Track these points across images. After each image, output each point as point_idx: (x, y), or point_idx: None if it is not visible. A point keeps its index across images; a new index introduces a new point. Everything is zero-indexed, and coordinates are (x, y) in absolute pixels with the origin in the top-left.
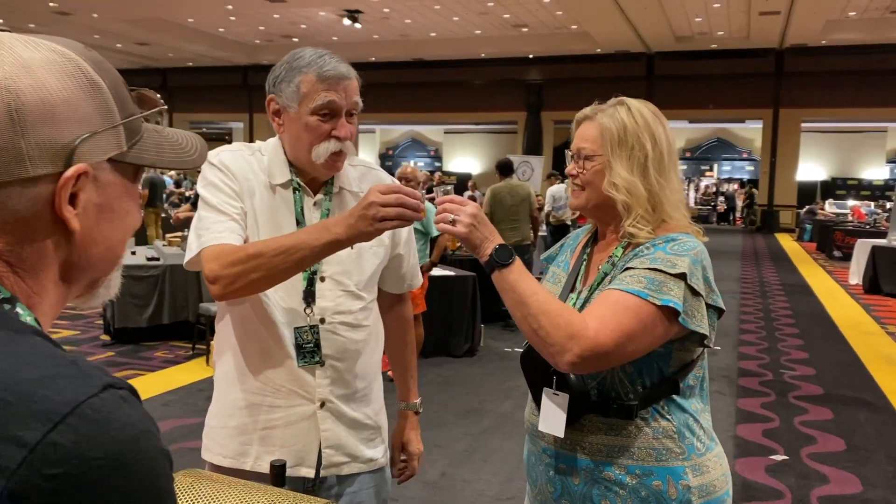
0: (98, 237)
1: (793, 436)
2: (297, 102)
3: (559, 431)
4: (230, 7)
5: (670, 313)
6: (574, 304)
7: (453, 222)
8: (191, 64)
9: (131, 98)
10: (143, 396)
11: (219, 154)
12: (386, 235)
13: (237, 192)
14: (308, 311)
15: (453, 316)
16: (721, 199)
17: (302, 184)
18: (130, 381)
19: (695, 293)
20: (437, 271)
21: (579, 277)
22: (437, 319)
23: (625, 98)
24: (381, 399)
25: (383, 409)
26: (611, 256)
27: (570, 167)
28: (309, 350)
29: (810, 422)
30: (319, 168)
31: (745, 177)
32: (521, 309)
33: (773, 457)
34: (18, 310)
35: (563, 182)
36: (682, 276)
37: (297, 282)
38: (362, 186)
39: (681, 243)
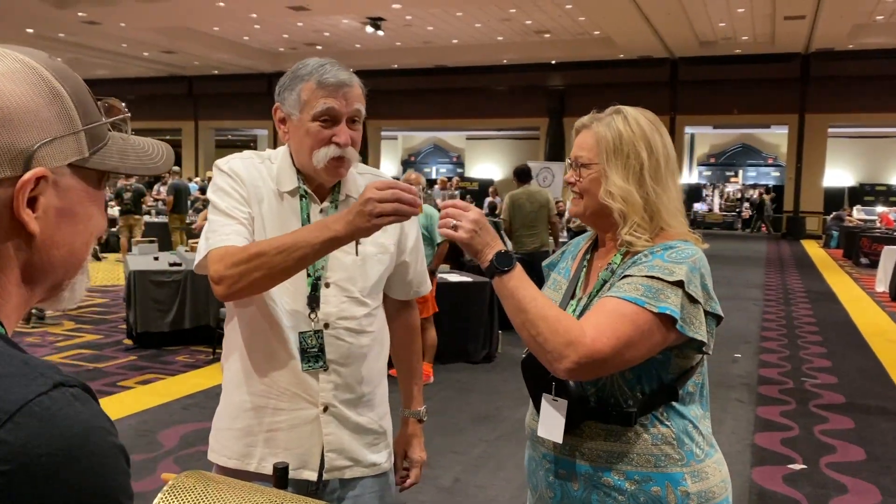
0: (59, 240)
1: (812, 445)
2: (298, 109)
3: (558, 437)
4: (254, 15)
5: (668, 321)
6: (574, 311)
7: (455, 228)
8: (216, 72)
9: (99, 107)
10: (163, 400)
11: (229, 161)
12: (391, 243)
13: (245, 198)
14: (312, 315)
15: (470, 322)
16: (746, 205)
17: (309, 191)
18: (152, 385)
19: (693, 300)
20: (454, 277)
21: (579, 284)
22: (455, 325)
23: (622, 106)
24: (386, 404)
25: (388, 414)
26: (610, 263)
27: (569, 175)
28: (313, 354)
29: (830, 431)
30: (322, 174)
31: (771, 182)
32: (520, 315)
33: (791, 466)
34: None
35: None
36: (679, 284)
37: (302, 287)
38: None
39: (679, 251)
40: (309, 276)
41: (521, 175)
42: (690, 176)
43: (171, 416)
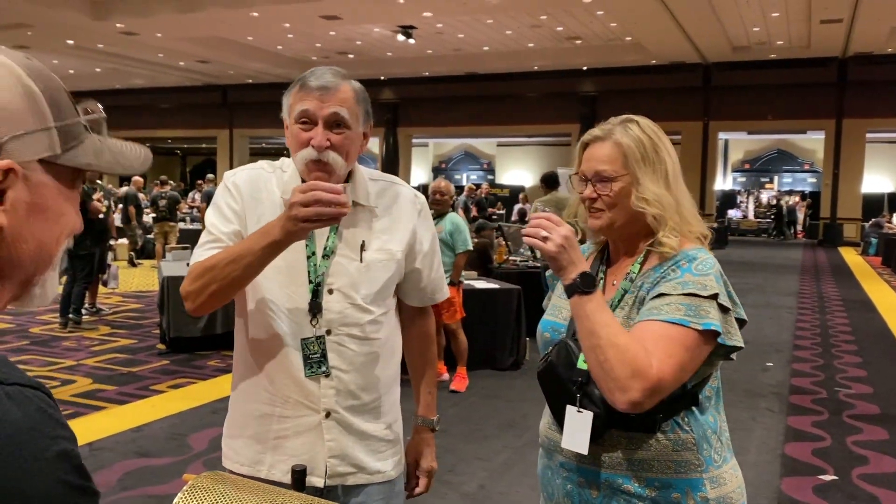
0: (28, 235)
1: (844, 456)
2: (288, 114)
3: (583, 448)
4: (287, 25)
5: (710, 335)
6: None
7: (545, 239)
8: (250, 81)
9: (76, 108)
10: (194, 404)
11: (235, 174)
12: (399, 249)
13: (237, 212)
14: (314, 322)
15: (498, 329)
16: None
17: None
18: (183, 389)
19: (725, 310)
20: (481, 284)
21: None
22: (482, 332)
23: (630, 116)
24: (396, 412)
25: (398, 422)
26: (628, 273)
27: (588, 192)
28: (315, 360)
29: (864, 442)
30: (307, 177)
31: (807, 189)
32: (592, 339)
33: (822, 477)
34: None
35: None
36: (714, 297)
37: (304, 293)
38: (381, 202)
39: (702, 262)
40: (310, 282)
41: (549, 181)
42: (724, 182)
43: (201, 420)
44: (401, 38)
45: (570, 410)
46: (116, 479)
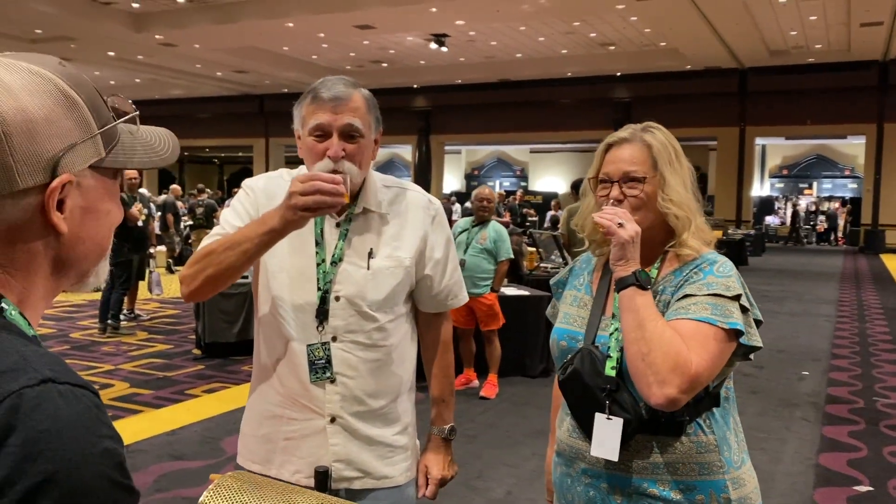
0: (84, 235)
1: (880, 466)
2: (301, 126)
3: (613, 455)
4: (322, 35)
5: (734, 335)
6: (609, 326)
7: (620, 226)
8: (286, 90)
9: (108, 106)
10: (228, 408)
11: (254, 179)
12: (408, 256)
13: (249, 213)
14: (320, 328)
15: (528, 336)
16: (822, 218)
17: None
18: (217, 393)
19: (745, 311)
20: (512, 291)
21: (609, 300)
22: (513, 339)
23: (647, 123)
24: (408, 419)
25: (410, 428)
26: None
27: (615, 192)
28: (320, 366)
29: None
30: None
31: (848, 195)
32: (638, 331)
33: (857, 487)
34: (3, 305)
35: None
36: (737, 298)
37: (312, 300)
38: (392, 208)
39: (723, 265)
40: (319, 289)
41: (579, 188)
42: (762, 189)
43: (234, 424)
44: (433, 46)
45: (600, 418)
46: (152, 481)
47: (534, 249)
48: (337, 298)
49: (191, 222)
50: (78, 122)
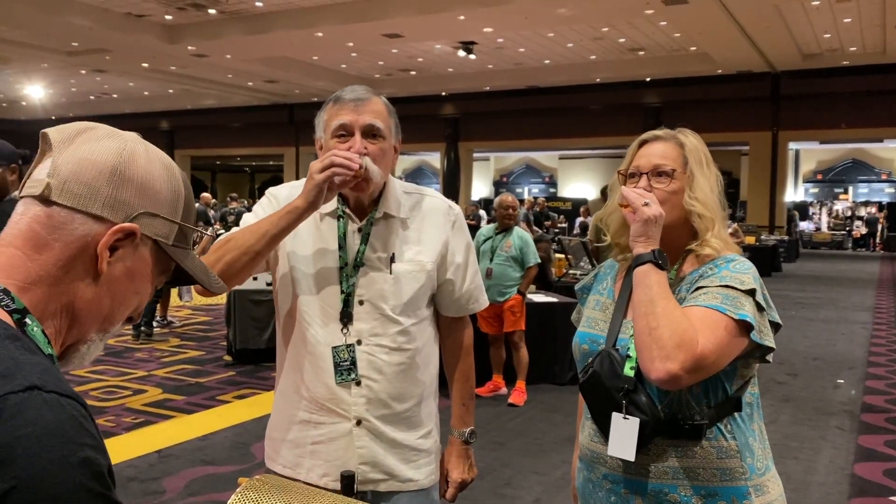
0: (114, 293)
1: None
2: (323, 131)
3: (630, 455)
4: (351, 44)
5: (744, 329)
6: (630, 329)
7: (646, 204)
8: (316, 99)
9: (197, 221)
10: (258, 414)
11: (279, 188)
12: (430, 260)
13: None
14: (345, 331)
15: (557, 343)
16: (858, 223)
17: (347, 211)
18: (248, 399)
19: (760, 308)
20: (540, 298)
21: (630, 304)
22: (541, 346)
23: (682, 128)
24: (432, 423)
25: (434, 432)
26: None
27: (644, 184)
28: (345, 368)
29: None
30: (346, 190)
31: (885, 199)
32: (649, 306)
33: (893, 498)
34: (27, 320)
35: None
36: (751, 293)
37: (336, 304)
38: (413, 214)
39: (740, 263)
40: (342, 292)
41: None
42: (796, 193)
43: (264, 430)
44: (461, 53)
45: (616, 417)
46: (183, 485)
47: (562, 256)
48: (361, 302)
49: (222, 231)
50: (171, 204)
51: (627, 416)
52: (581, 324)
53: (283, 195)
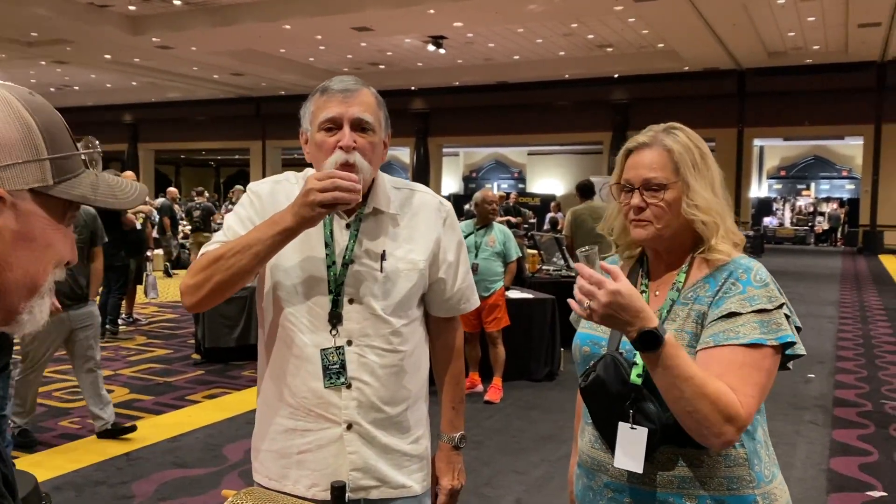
0: (14, 263)
1: (893, 471)
2: (309, 123)
3: (637, 467)
4: (319, 37)
5: (780, 347)
6: None
7: (589, 307)
8: (283, 92)
9: (75, 143)
10: (229, 414)
11: (259, 183)
12: (422, 259)
13: (252, 220)
14: (334, 332)
15: (532, 339)
16: (820, 219)
17: None
18: (218, 400)
19: (788, 318)
20: (515, 294)
21: None
22: (517, 342)
23: (670, 123)
24: (423, 427)
25: (425, 437)
26: (674, 283)
27: (636, 200)
28: (335, 371)
29: None
30: None
31: (845, 196)
32: (674, 391)
33: (871, 493)
34: None
35: None
36: (781, 307)
37: (324, 303)
38: (403, 210)
39: (757, 272)
40: (330, 292)
41: (584, 190)
42: (760, 190)
43: (236, 431)
44: (431, 48)
45: (623, 427)
46: (153, 490)
47: (535, 252)
48: (350, 301)
49: (188, 226)
50: (25, 143)
51: (635, 426)
52: (581, 325)
53: (265, 192)
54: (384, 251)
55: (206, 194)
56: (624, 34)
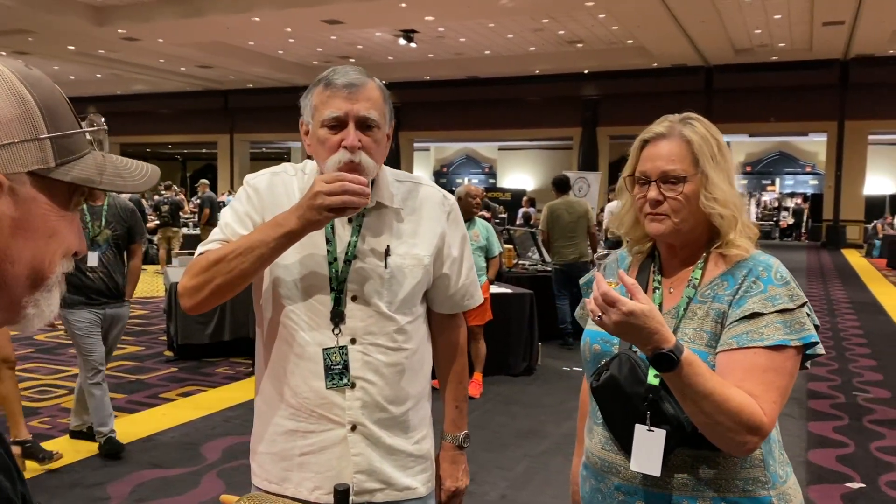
0: (15, 254)
1: (869, 462)
2: (311, 116)
3: (655, 470)
4: (289, 30)
5: (802, 347)
6: None
7: (601, 317)
8: (251, 85)
9: (77, 121)
10: (204, 412)
11: (256, 176)
12: (427, 255)
13: (251, 216)
14: (336, 331)
15: (511, 334)
16: (785, 213)
17: None
18: (193, 397)
19: (808, 316)
20: (493, 289)
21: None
22: (495, 337)
23: (687, 113)
24: (427, 427)
25: (429, 437)
26: (690, 280)
27: (654, 193)
28: (337, 372)
29: (888, 448)
30: None
31: (809, 191)
32: (693, 406)
33: (850, 484)
34: None
35: None
36: (803, 306)
37: (326, 301)
38: (407, 204)
39: (777, 269)
40: (332, 290)
41: (560, 185)
42: None
43: (213, 429)
44: (402, 42)
45: (640, 429)
46: (129, 490)
47: (510, 246)
48: (354, 299)
49: (156, 221)
50: (22, 121)
51: (652, 429)
52: (589, 321)
53: (262, 186)
54: (388, 247)
55: (175, 188)
56: (594, 30)
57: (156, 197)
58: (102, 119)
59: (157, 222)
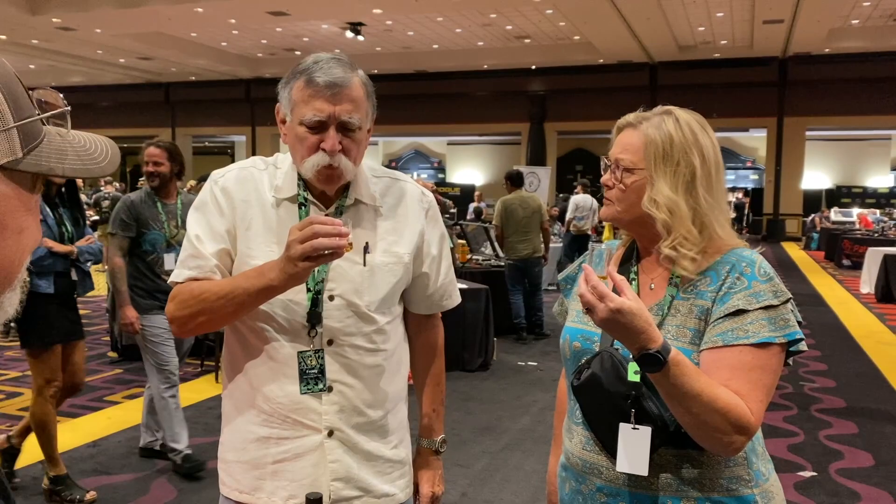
0: None
1: (819, 451)
2: (290, 110)
3: (642, 469)
4: (233, 21)
5: (788, 343)
6: None
7: (591, 306)
8: (193, 78)
9: (33, 100)
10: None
11: (224, 174)
12: (406, 252)
13: (226, 228)
14: (313, 333)
15: (466, 329)
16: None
17: (310, 198)
18: (140, 399)
19: (792, 311)
20: None
21: None
22: (451, 333)
23: (672, 108)
24: (404, 431)
25: (406, 441)
26: (671, 278)
27: (607, 177)
28: (312, 377)
29: (836, 436)
30: (315, 183)
31: (750, 185)
32: (680, 407)
33: (801, 473)
34: None
35: (589, 192)
36: (787, 301)
37: (301, 301)
38: (385, 200)
39: (760, 264)
40: (309, 289)
41: (514, 180)
42: None
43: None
44: (349, 35)
45: (625, 428)
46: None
47: (463, 241)
48: (331, 298)
49: (96, 217)
50: None
51: (637, 427)
52: (569, 318)
53: (230, 183)
54: (367, 244)
55: (116, 184)
56: (541, 26)
57: (96, 194)
58: (61, 96)
59: (97, 218)
